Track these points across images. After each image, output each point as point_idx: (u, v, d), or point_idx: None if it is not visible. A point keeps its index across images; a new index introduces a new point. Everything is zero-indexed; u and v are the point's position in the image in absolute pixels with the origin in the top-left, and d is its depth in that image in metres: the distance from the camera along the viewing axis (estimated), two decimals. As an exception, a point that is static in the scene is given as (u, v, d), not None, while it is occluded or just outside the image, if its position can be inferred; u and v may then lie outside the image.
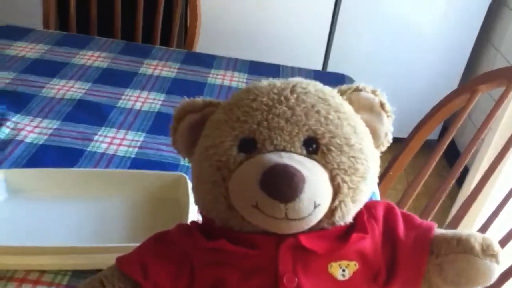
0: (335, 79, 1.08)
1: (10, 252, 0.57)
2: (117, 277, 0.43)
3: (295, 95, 0.42)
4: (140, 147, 0.82)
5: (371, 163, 0.42)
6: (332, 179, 0.40)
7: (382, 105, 0.45)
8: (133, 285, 0.43)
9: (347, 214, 0.41)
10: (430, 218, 0.87)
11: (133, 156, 0.80)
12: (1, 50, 1.05)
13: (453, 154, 1.88)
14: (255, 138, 0.40)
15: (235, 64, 1.13)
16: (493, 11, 1.90)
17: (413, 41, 1.93)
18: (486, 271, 0.40)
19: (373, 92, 0.46)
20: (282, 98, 0.41)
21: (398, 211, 0.46)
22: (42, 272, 0.59)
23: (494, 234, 0.74)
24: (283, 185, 0.37)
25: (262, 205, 0.38)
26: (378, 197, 0.79)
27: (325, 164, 0.40)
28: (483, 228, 0.78)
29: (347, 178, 0.40)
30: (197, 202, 0.45)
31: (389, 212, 0.45)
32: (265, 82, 0.44)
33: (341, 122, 0.41)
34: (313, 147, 0.40)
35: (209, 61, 1.13)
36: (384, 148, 0.46)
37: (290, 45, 1.92)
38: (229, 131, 0.42)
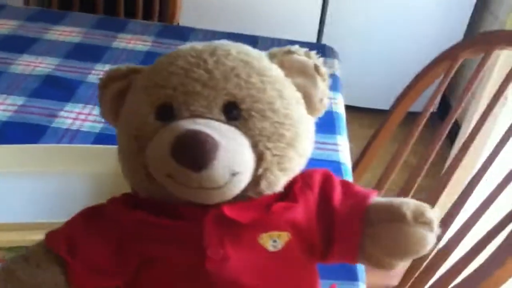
0: (316, 50, 1.05)
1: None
2: (42, 252, 0.41)
3: (214, 58, 0.39)
4: (105, 122, 0.81)
5: (301, 129, 0.40)
6: (255, 146, 0.38)
7: (316, 68, 0.42)
8: (59, 261, 0.41)
9: (275, 184, 0.39)
10: (419, 179, 0.85)
11: (97, 131, 0.79)
12: (-28, 27, 1.04)
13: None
14: (171, 104, 0.38)
15: (212, 37, 1.09)
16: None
17: (409, 12, 1.87)
18: (419, 240, 0.38)
19: (307, 54, 0.43)
20: (201, 62, 0.39)
21: (336, 179, 0.44)
22: (-6, 249, 0.58)
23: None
24: (192, 153, 0.35)
25: (175, 174, 0.36)
26: (350, 174, 0.77)
27: (246, 131, 0.38)
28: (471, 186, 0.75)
29: (270, 145, 0.38)
30: (122, 172, 0.43)
31: (326, 180, 0.43)
32: (187, 45, 0.42)
33: (264, 86, 0.39)
34: (234, 113, 0.38)
35: (185, 33, 1.10)
36: (319, 114, 0.44)
37: (282, 20, 1.87)
38: (145, 97, 0.39)
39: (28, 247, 0.43)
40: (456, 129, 1.72)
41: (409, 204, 0.39)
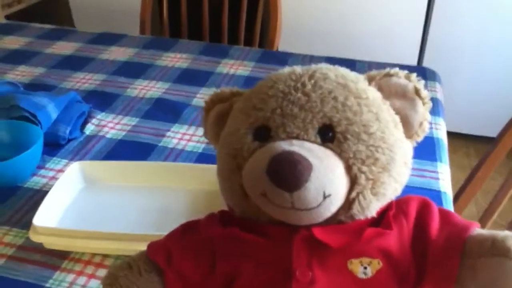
0: (416, 73, 1.02)
1: (79, 235, 0.63)
2: (143, 261, 0.45)
3: (312, 81, 0.40)
4: (207, 142, 0.85)
5: (397, 154, 0.39)
6: (348, 169, 0.38)
7: (417, 91, 0.42)
8: (157, 271, 0.44)
9: (367, 208, 0.39)
10: None
11: (200, 151, 0.84)
12: (96, 54, 1.16)
13: None
14: (269, 126, 0.40)
15: (310, 61, 1.11)
16: None
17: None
18: None
19: (407, 77, 0.42)
20: (299, 85, 0.40)
21: (434, 207, 0.42)
22: (105, 256, 0.64)
23: None
24: (286, 173, 0.36)
25: (269, 194, 0.37)
26: (450, 204, 0.73)
27: (340, 153, 0.38)
28: None
29: (365, 168, 0.38)
30: (220, 190, 0.45)
31: (423, 208, 0.42)
32: (287, 69, 0.43)
33: (360, 108, 0.39)
34: (329, 135, 0.39)
35: (284, 58, 1.13)
36: (419, 139, 0.42)
37: (382, 43, 1.84)
38: (244, 118, 0.41)
39: (132, 256, 0.46)
40: None
41: (513, 237, 0.36)
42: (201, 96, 0.99)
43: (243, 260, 0.42)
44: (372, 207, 0.39)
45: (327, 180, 0.37)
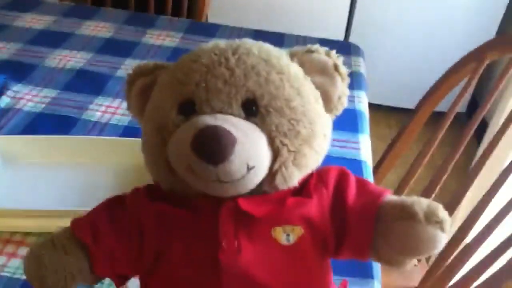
0: (341, 48, 1.05)
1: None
2: (67, 239, 0.44)
3: (236, 56, 0.40)
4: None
5: (317, 127, 0.41)
6: (271, 141, 0.39)
7: (336, 68, 0.43)
8: (83, 248, 0.43)
9: (289, 178, 0.40)
10: (446, 175, 0.84)
11: (125, 124, 0.82)
12: (10, 21, 1.08)
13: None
14: (193, 100, 0.40)
15: (239, 34, 1.11)
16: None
17: (439, 10, 1.84)
18: (430, 239, 0.38)
19: (327, 54, 0.44)
20: (223, 59, 0.40)
21: (352, 177, 0.44)
22: (27, 234, 0.62)
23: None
24: (211, 147, 0.36)
25: (195, 167, 0.37)
26: (370, 173, 0.77)
27: (263, 127, 0.39)
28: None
29: (286, 141, 0.39)
30: (145, 164, 0.45)
31: (341, 178, 0.44)
32: (210, 43, 0.43)
33: (283, 83, 0.40)
34: (253, 109, 0.39)
35: (212, 30, 1.12)
36: (338, 112, 0.44)
37: (310, 18, 1.87)
38: (169, 93, 0.41)
39: (54, 233, 0.45)
40: (483, 128, 1.69)
41: (421, 203, 0.39)
42: (126, 68, 0.96)
43: (172, 234, 0.42)
44: (294, 178, 0.41)
45: (251, 153, 0.37)
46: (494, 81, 0.85)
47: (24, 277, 0.56)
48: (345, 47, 1.09)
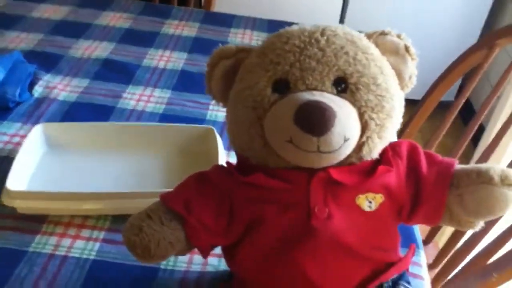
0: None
1: (57, 197, 0.62)
2: (162, 211, 0.46)
3: (325, 37, 0.44)
4: (167, 104, 0.86)
5: (396, 102, 0.45)
6: (360, 116, 0.43)
7: (406, 48, 0.47)
8: (177, 219, 0.46)
9: (374, 150, 0.44)
10: None
11: (160, 112, 0.84)
12: (26, 12, 1.08)
13: (469, 115, 1.89)
14: (287, 79, 0.43)
15: (253, 23, 1.14)
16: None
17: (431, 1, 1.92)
18: (504, 199, 0.43)
19: (398, 36, 0.48)
20: (313, 41, 0.44)
21: (421, 149, 0.49)
22: (86, 217, 0.64)
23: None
24: (315, 120, 0.40)
25: (296, 140, 0.41)
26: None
27: (353, 102, 0.43)
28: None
29: (374, 115, 0.43)
30: (232, 142, 0.48)
31: (412, 150, 0.48)
32: (295, 26, 0.46)
33: (368, 62, 0.44)
34: (342, 86, 0.43)
35: (228, 20, 1.14)
36: (408, 90, 0.48)
37: (305, 6, 1.91)
38: (263, 73, 0.44)
39: (149, 207, 0.47)
40: (480, 131, 1.75)
41: (495, 168, 0.44)
42: (151, 57, 0.98)
43: (265, 204, 0.45)
44: (378, 149, 0.45)
45: (347, 125, 0.41)
46: (487, 85, 0.90)
47: (92, 257, 0.58)
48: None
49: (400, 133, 1.08)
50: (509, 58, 0.90)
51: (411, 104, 0.48)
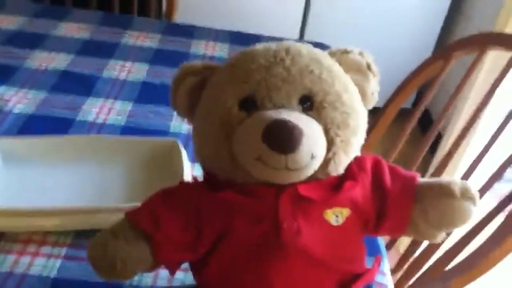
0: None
1: (15, 214, 0.59)
2: (127, 228, 0.45)
3: (290, 57, 0.45)
4: (129, 115, 0.84)
5: (360, 119, 0.46)
6: (326, 133, 0.43)
7: (368, 66, 0.49)
8: (143, 236, 0.45)
9: (340, 165, 0.45)
10: None
11: (122, 124, 0.82)
12: (-22, 22, 1.04)
13: (427, 123, 1.96)
14: (254, 97, 0.43)
15: (216, 35, 1.14)
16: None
17: (388, 13, 1.98)
18: (465, 212, 0.45)
19: (360, 53, 0.49)
20: (278, 60, 0.44)
21: (384, 163, 0.50)
22: (46, 233, 0.61)
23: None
24: (284, 138, 0.40)
25: (265, 158, 0.41)
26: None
27: (319, 120, 0.43)
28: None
29: (339, 132, 0.44)
30: (199, 156, 0.47)
31: (376, 165, 0.49)
32: (261, 45, 0.47)
33: (333, 81, 0.45)
34: (308, 104, 0.44)
35: (190, 31, 1.14)
36: (370, 106, 0.50)
37: (265, 17, 1.93)
38: (230, 91, 0.44)
39: (113, 225, 0.46)
40: (437, 139, 1.82)
41: (456, 181, 0.46)
42: (111, 68, 0.96)
43: (234, 216, 0.45)
44: (343, 165, 0.46)
45: (314, 143, 0.42)
46: (443, 93, 0.94)
47: (53, 274, 0.56)
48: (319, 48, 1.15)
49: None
50: (464, 69, 0.94)
51: (369, 114, 0.49)
